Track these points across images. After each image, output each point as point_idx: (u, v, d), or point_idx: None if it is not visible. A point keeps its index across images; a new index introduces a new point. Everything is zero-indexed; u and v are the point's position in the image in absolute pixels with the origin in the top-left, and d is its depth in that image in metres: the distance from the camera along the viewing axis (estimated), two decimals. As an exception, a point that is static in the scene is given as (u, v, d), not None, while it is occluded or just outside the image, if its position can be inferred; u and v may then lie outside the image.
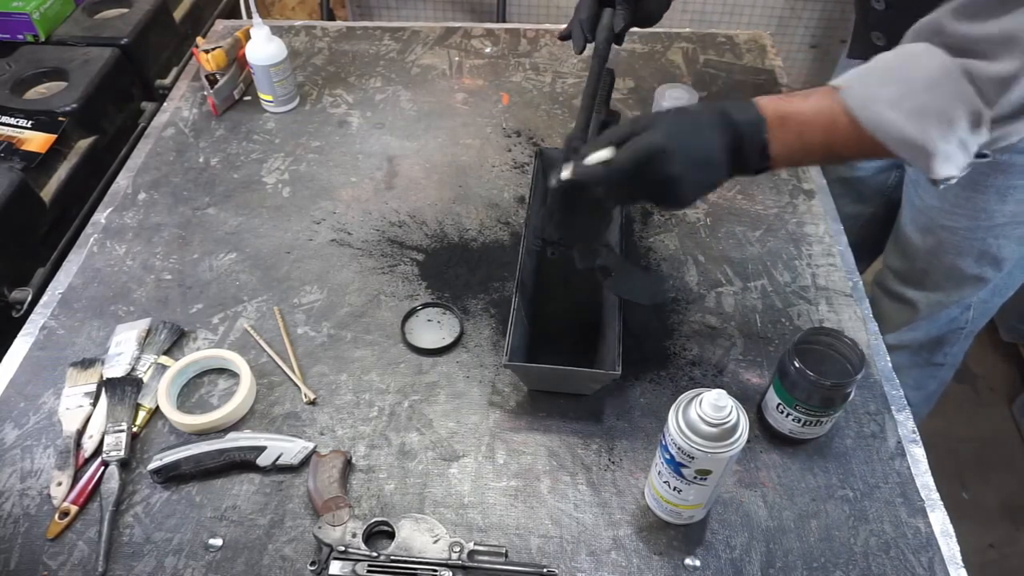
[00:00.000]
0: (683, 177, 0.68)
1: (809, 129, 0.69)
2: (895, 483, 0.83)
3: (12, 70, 1.31)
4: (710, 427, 0.66)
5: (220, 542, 0.78)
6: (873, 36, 1.07)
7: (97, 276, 1.04)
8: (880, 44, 1.07)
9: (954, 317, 1.26)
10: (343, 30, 1.50)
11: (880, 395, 0.90)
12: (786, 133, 0.69)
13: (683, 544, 0.78)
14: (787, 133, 0.69)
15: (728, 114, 0.69)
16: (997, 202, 1.06)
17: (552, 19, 2.42)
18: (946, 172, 0.67)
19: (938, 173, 0.67)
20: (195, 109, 1.32)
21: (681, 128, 0.69)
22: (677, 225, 1.11)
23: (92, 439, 0.85)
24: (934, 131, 0.65)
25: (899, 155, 0.68)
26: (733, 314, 0.99)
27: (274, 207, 1.14)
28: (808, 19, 2.39)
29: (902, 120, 0.66)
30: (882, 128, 0.67)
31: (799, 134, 0.69)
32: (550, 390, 0.90)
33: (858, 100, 0.67)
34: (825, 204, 1.14)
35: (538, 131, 1.27)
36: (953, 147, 0.66)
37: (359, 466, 0.84)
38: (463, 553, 0.74)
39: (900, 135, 0.66)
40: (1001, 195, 1.05)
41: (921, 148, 0.66)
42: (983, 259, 1.14)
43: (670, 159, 0.67)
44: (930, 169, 0.67)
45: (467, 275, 1.04)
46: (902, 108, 0.66)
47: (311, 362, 0.94)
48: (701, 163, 0.69)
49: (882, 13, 1.04)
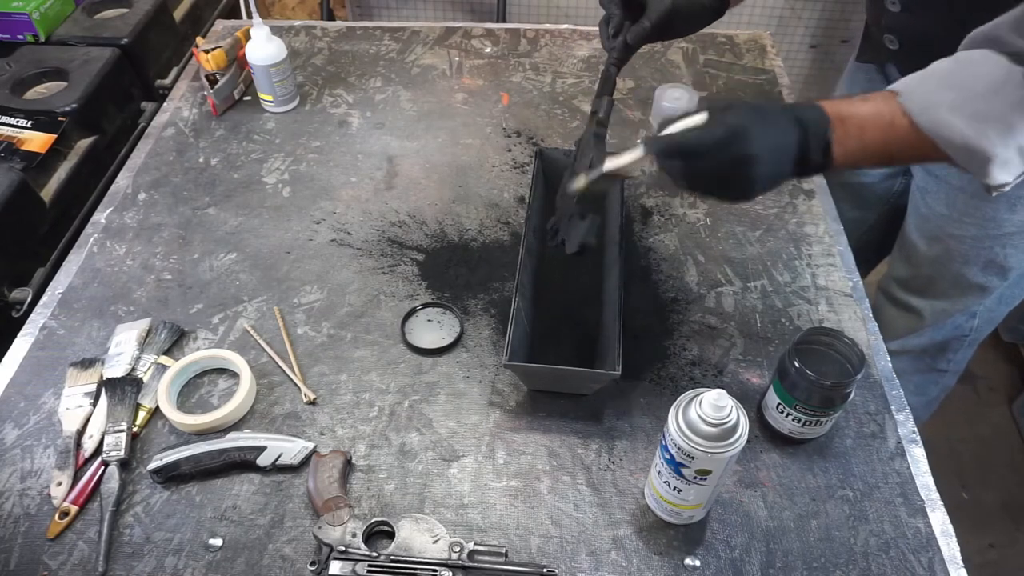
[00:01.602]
0: (760, 159, 0.68)
1: (868, 131, 0.70)
2: (895, 483, 0.83)
3: (12, 70, 1.31)
4: (710, 427, 0.66)
5: (220, 542, 0.78)
6: (886, 39, 1.06)
7: (97, 276, 1.04)
8: (893, 48, 1.06)
9: (959, 324, 1.26)
10: (343, 30, 1.50)
11: (880, 395, 0.90)
12: (846, 133, 0.70)
13: (683, 544, 0.78)
14: (847, 134, 0.70)
15: (795, 110, 0.70)
16: (1007, 211, 1.06)
17: (552, 19, 2.42)
18: (1002, 178, 0.68)
19: (995, 179, 0.68)
20: (195, 109, 1.32)
21: (760, 115, 0.69)
22: (677, 225, 1.11)
23: (92, 439, 0.85)
24: (994, 136, 0.65)
25: (956, 160, 0.68)
26: (733, 314, 0.99)
27: (274, 207, 1.14)
28: (808, 19, 2.39)
29: (962, 124, 0.66)
30: (941, 132, 0.67)
31: (859, 136, 0.70)
32: (550, 390, 0.90)
33: (918, 104, 0.68)
34: (825, 204, 1.14)
35: (538, 131, 1.27)
36: (1012, 152, 0.66)
37: (359, 466, 0.84)
38: (463, 553, 0.74)
39: (960, 139, 0.66)
40: (1011, 205, 1.05)
41: (980, 153, 0.66)
42: (990, 268, 1.14)
43: (753, 139, 0.67)
44: (987, 174, 0.68)
45: (467, 275, 1.04)
46: (963, 112, 0.66)
47: (311, 362, 0.94)
48: (776, 150, 0.69)
49: (897, 15, 1.02)
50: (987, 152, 0.66)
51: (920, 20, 0.72)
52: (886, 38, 1.06)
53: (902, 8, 1.01)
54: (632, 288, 1.01)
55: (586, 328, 0.98)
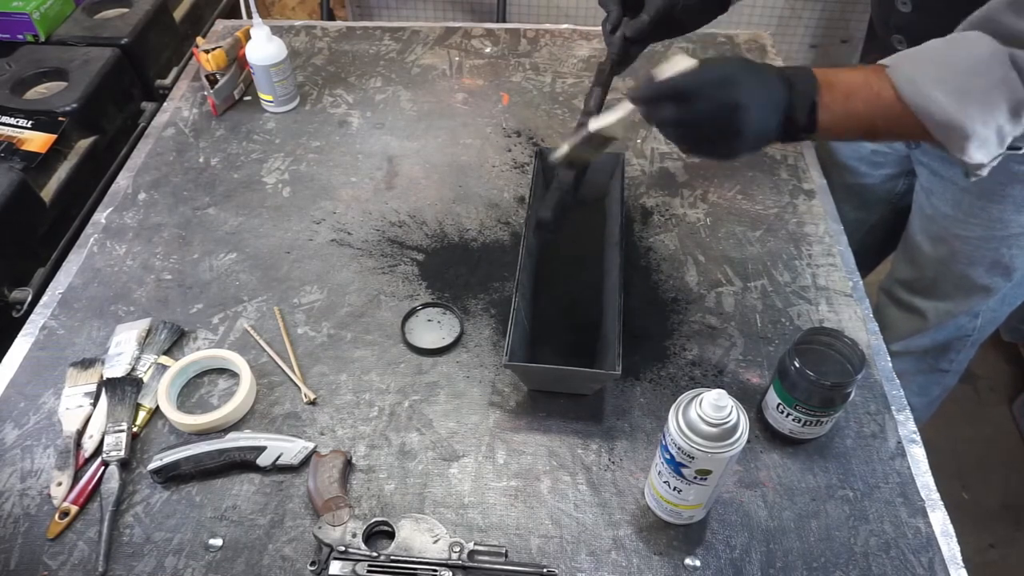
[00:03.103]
0: (748, 107, 0.68)
1: (854, 99, 0.71)
2: (895, 483, 0.83)
3: (12, 70, 1.31)
4: (710, 427, 0.66)
5: (220, 542, 0.78)
6: (894, 40, 1.05)
7: (97, 276, 1.04)
8: (902, 48, 1.05)
9: (962, 325, 1.25)
10: (343, 30, 1.50)
11: (880, 395, 0.90)
12: (833, 99, 0.71)
13: (683, 544, 0.78)
14: (834, 99, 0.71)
15: (785, 71, 0.71)
16: (1013, 212, 1.06)
17: (552, 19, 2.42)
18: (979, 158, 0.68)
19: (972, 157, 0.68)
20: (195, 109, 1.32)
21: (751, 68, 0.71)
22: (677, 225, 1.11)
23: (92, 439, 0.85)
24: (975, 113, 0.66)
25: (935, 135, 0.69)
26: (733, 314, 0.99)
27: (274, 207, 1.14)
28: (808, 19, 2.39)
29: (944, 100, 0.66)
30: (923, 105, 0.68)
31: (844, 102, 0.71)
32: (550, 390, 0.90)
33: (903, 76, 0.69)
34: (825, 204, 1.14)
35: (538, 131, 1.27)
36: (991, 132, 0.67)
37: (359, 466, 0.84)
38: (463, 553, 0.74)
39: (941, 115, 0.67)
40: (1018, 206, 1.05)
41: (959, 129, 0.67)
42: (995, 269, 1.14)
43: (743, 87, 0.68)
44: (964, 151, 0.68)
45: (467, 275, 1.04)
46: (946, 88, 0.67)
47: (311, 362, 0.94)
48: (764, 102, 0.69)
49: (907, 16, 1.01)
50: (966, 129, 0.67)
51: (931, 20, 0.72)
52: (894, 38, 1.05)
53: (913, 8, 1.00)
54: (632, 288, 1.01)
55: (586, 328, 0.98)
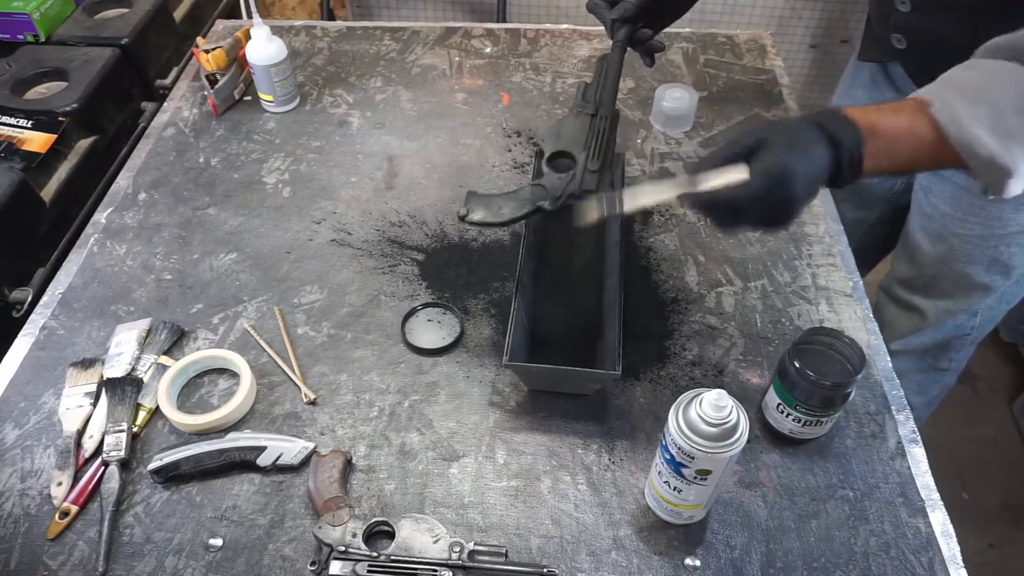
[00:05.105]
0: (802, 198, 0.67)
1: (898, 144, 0.69)
2: (895, 483, 0.83)
3: (12, 70, 1.31)
4: (710, 427, 0.66)
5: (220, 542, 0.78)
6: (893, 39, 1.05)
7: (97, 276, 1.04)
8: (900, 47, 1.05)
9: (961, 324, 1.26)
10: (343, 30, 1.50)
11: (880, 395, 0.90)
12: (878, 149, 0.69)
13: (683, 544, 0.78)
14: (879, 149, 0.69)
15: (829, 130, 0.68)
16: (1012, 210, 1.06)
17: (552, 19, 2.42)
18: (1014, 191, 0.68)
19: (1011, 192, 0.68)
20: (195, 109, 1.32)
21: (799, 148, 0.68)
22: (677, 225, 1.11)
23: (92, 439, 0.85)
24: (1018, 152, 0.66)
25: (976, 173, 0.68)
26: (733, 314, 0.99)
27: (274, 207, 1.14)
28: (808, 19, 2.39)
29: (990, 140, 0.66)
30: (968, 146, 0.67)
31: (889, 149, 0.69)
32: (550, 390, 0.90)
33: (950, 118, 0.67)
34: (825, 204, 1.14)
35: (538, 131, 1.27)
36: None
37: (359, 466, 0.84)
38: (463, 553, 0.74)
39: (986, 154, 0.66)
40: (1017, 204, 1.05)
41: (1003, 169, 0.67)
42: (994, 267, 1.14)
43: (797, 180, 0.66)
44: (1003, 188, 0.68)
45: (467, 275, 1.04)
46: (991, 128, 0.66)
47: (311, 362, 0.94)
48: (814, 183, 0.68)
49: (907, 15, 1.01)
50: (1010, 168, 0.66)
51: (931, 20, 0.71)
52: (893, 37, 1.05)
53: (912, 8, 1.00)
54: (632, 288, 1.01)
55: (586, 328, 0.98)
